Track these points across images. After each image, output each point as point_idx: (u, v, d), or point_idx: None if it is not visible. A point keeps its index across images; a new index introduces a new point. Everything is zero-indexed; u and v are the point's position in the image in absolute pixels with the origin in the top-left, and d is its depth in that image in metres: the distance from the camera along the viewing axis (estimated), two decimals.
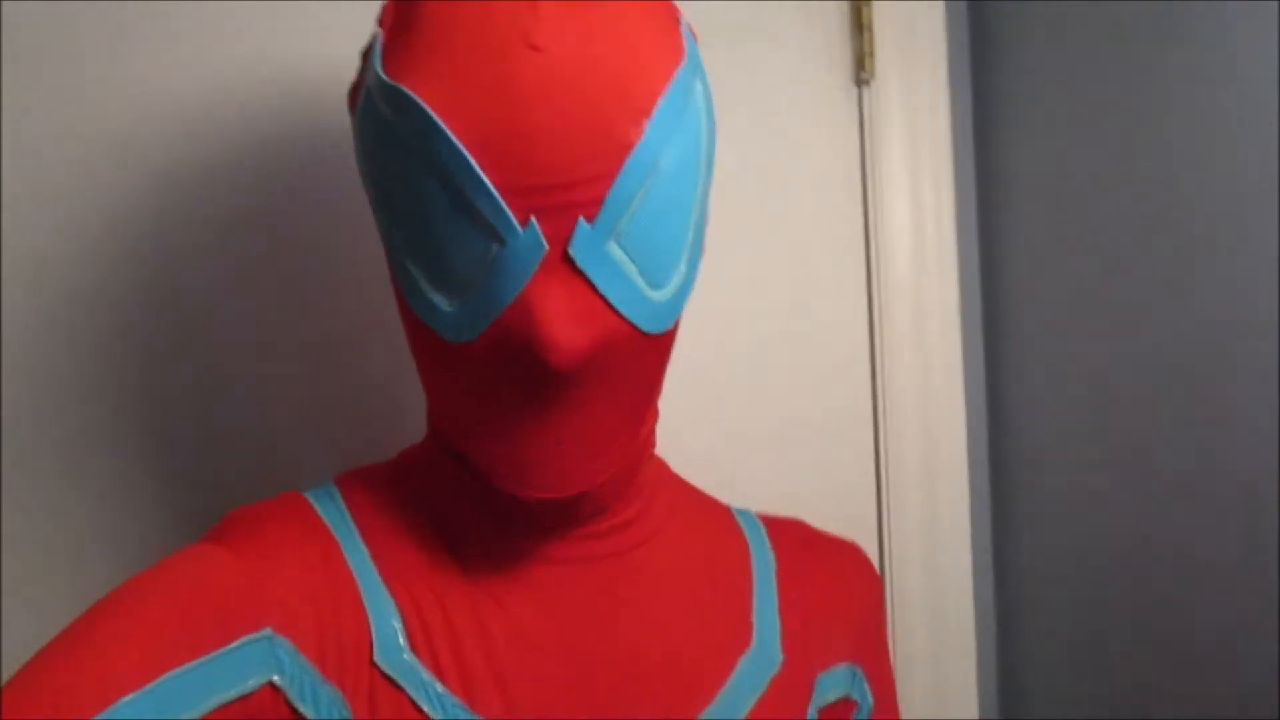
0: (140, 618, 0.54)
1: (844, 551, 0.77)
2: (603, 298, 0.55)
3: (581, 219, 0.54)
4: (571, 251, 0.54)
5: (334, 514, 0.65)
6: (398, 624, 0.61)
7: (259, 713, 0.56)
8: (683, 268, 0.59)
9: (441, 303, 0.57)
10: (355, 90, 0.61)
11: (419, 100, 0.54)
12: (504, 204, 0.53)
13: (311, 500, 0.65)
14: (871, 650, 0.76)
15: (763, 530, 0.75)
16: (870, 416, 1.07)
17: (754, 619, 0.70)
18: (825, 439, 1.06)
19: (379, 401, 0.91)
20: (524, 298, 0.54)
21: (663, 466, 0.72)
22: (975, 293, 1.13)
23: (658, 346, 0.60)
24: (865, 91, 1.05)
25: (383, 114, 0.56)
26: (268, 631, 0.57)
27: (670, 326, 0.60)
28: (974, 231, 1.13)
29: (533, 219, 0.54)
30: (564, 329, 0.54)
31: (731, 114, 1.01)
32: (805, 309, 1.05)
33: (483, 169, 0.53)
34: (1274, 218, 0.85)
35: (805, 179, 1.05)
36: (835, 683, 0.72)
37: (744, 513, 0.77)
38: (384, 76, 0.55)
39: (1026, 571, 1.11)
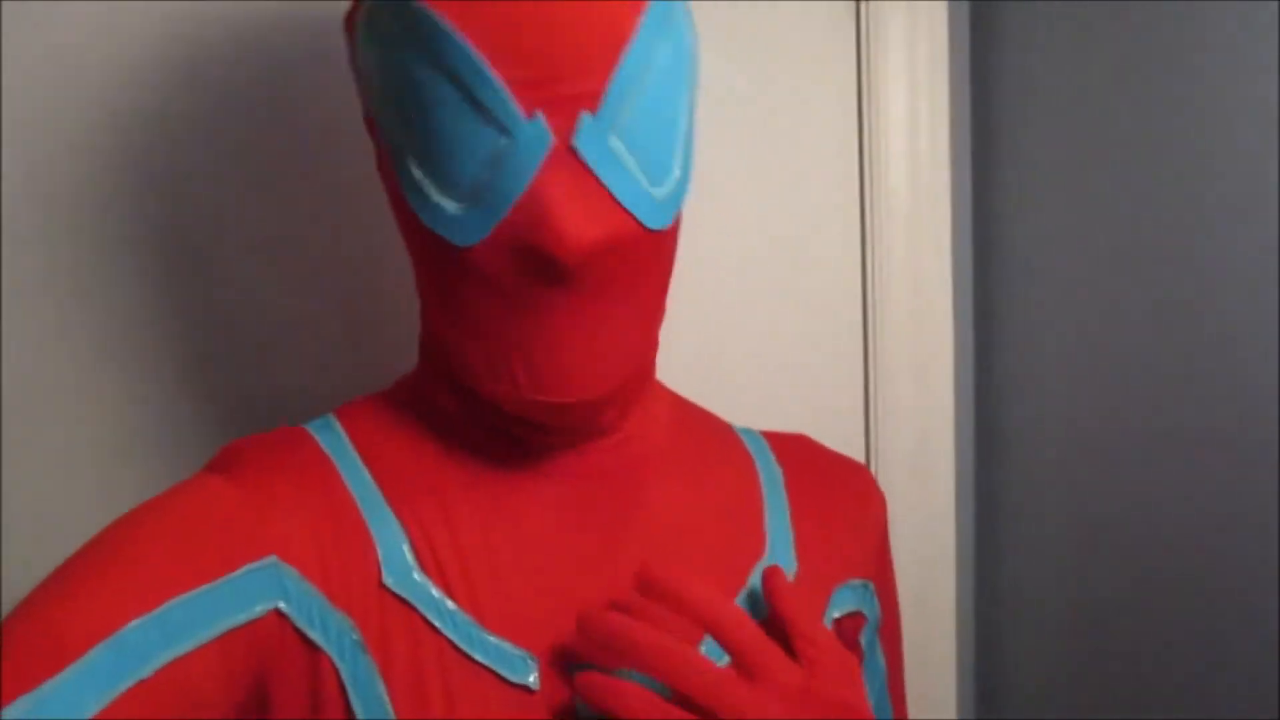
0: (144, 547, 0.54)
1: (852, 468, 0.78)
2: (609, 191, 0.56)
3: (584, 111, 0.55)
4: (576, 143, 0.55)
5: (334, 443, 0.65)
6: (405, 546, 0.61)
7: (267, 639, 0.57)
8: (677, 168, 0.60)
9: (450, 206, 0.57)
10: (352, 14, 0.61)
11: (424, 6, 0.55)
12: (510, 95, 0.54)
13: (311, 431, 0.66)
14: (882, 567, 0.77)
15: (767, 445, 0.76)
16: (860, 351, 1.07)
17: (766, 529, 0.70)
18: (815, 370, 1.06)
19: (376, 335, 0.90)
20: (532, 192, 0.55)
21: (663, 387, 0.73)
22: (967, 223, 1.13)
23: (661, 248, 0.61)
24: (863, 8, 1.03)
25: (387, 28, 0.57)
26: (272, 559, 0.58)
27: (670, 224, 0.60)
28: (968, 158, 1.13)
29: (538, 111, 0.55)
30: (574, 222, 0.54)
31: (730, 32, 1.00)
32: (799, 232, 1.04)
33: (488, 65, 0.54)
34: (1274, 185, 0.85)
35: (801, 97, 1.03)
36: (850, 597, 0.73)
37: (746, 430, 0.77)
38: None
39: (1012, 505, 1.13)
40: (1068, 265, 1.04)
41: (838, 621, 0.72)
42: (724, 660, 0.63)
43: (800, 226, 1.05)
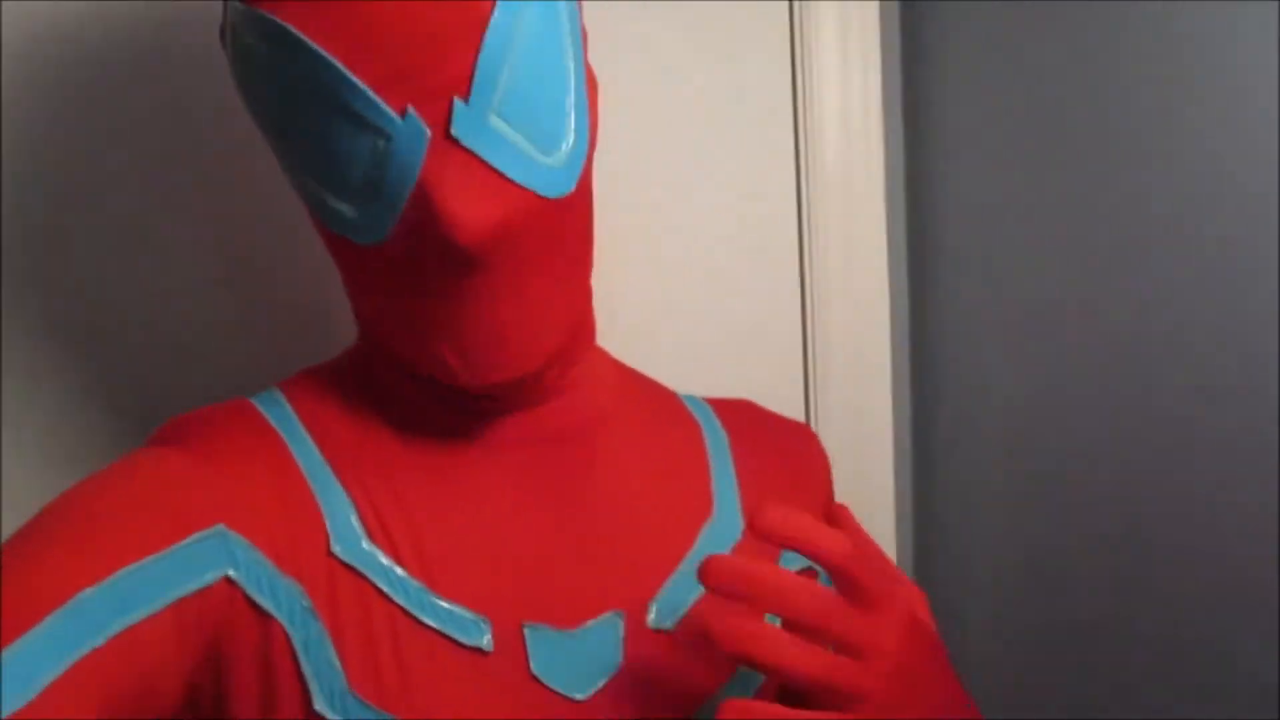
0: (93, 519, 0.54)
1: (796, 430, 0.79)
2: (496, 171, 0.56)
3: (456, 99, 0.55)
4: (454, 131, 0.55)
5: (279, 415, 0.65)
6: (353, 515, 0.61)
7: (218, 607, 0.57)
8: (571, 131, 0.60)
9: (347, 210, 0.58)
10: (224, 29, 0.61)
11: (275, 18, 0.54)
12: (378, 99, 0.54)
13: (257, 404, 0.66)
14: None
15: (712, 411, 0.77)
16: (799, 321, 1.10)
17: (713, 490, 0.71)
18: (754, 339, 1.08)
19: (312, 314, 0.90)
20: (420, 186, 0.55)
21: (607, 355, 0.73)
22: (900, 190, 1.16)
23: (570, 212, 0.61)
24: None
25: (250, 43, 0.57)
26: (220, 527, 0.58)
27: (573, 190, 0.60)
28: (900, 128, 1.15)
29: (410, 107, 0.54)
30: (464, 206, 0.55)
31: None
32: (735, 209, 1.06)
33: (350, 69, 0.54)
34: (1218, 124, 0.88)
35: (735, 65, 1.05)
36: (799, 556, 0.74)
37: (689, 396, 0.79)
38: (241, 4, 0.56)
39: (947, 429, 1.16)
40: (999, 226, 1.07)
41: None
42: None
43: (737, 202, 1.06)
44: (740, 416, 0.78)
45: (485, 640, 0.60)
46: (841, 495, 1.11)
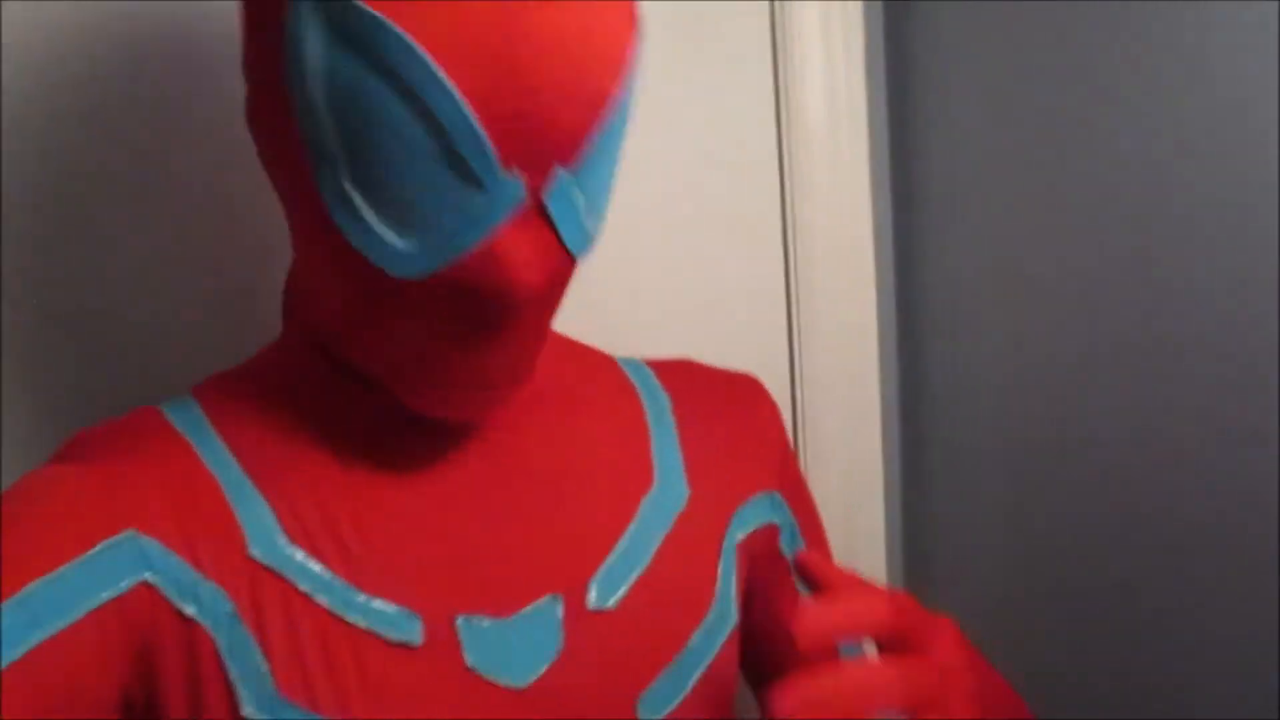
0: None
1: (740, 383, 0.77)
2: (560, 240, 0.55)
3: (560, 168, 0.54)
4: (546, 199, 0.54)
5: (188, 420, 0.63)
6: (270, 518, 0.60)
7: (139, 613, 0.56)
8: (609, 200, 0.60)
9: (391, 238, 0.54)
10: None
11: (412, 40, 0.50)
12: (495, 154, 0.52)
13: (165, 411, 0.64)
14: (789, 477, 0.77)
15: (650, 374, 0.75)
16: (783, 292, 1.09)
17: (653, 459, 0.70)
18: (738, 310, 1.08)
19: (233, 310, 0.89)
20: (493, 242, 0.53)
21: None
22: (884, 155, 1.14)
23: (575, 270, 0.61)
24: None
25: (355, 40, 0.51)
26: (130, 532, 0.57)
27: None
28: (883, 91, 1.14)
29: (516, 168, 0.53)
30: (527, 274, 0.53)
31: None
32: (719, 182, 1.06)
33: (477, 118, 0.51)
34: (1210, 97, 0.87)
35: (719, 34, 1.04)
36: (756, 513, 0.73)
37: (628, 360, 0.76)
38: (361, 5, 0.50)
39: (937, 405, 1.15)
40: (986, 192, 1.06)
41: (750, 538, 0.73)
42: None
43: (720, 174, 1.05)
44: (681, 376, 0.76)
45: (415, 635, 0.59)
46: (830, 483, 1.10)
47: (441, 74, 0.50)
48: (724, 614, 0.69)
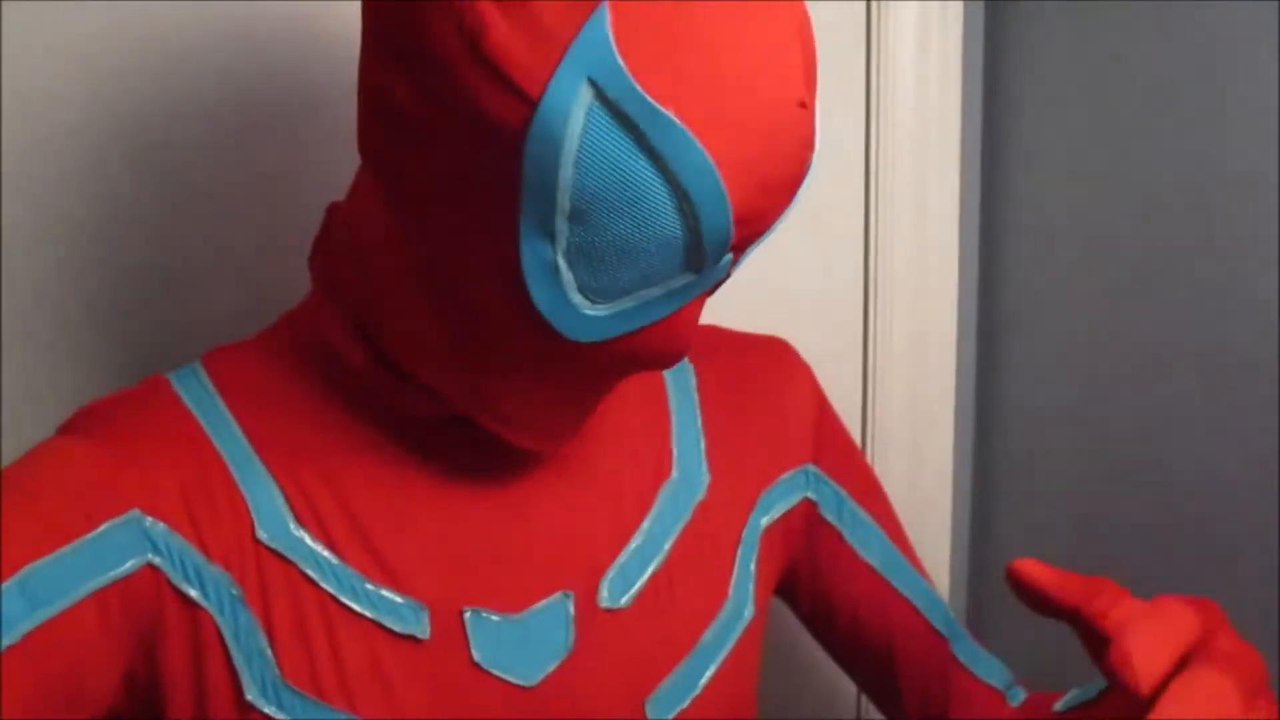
0: None
1: (768, 348, 0.74)
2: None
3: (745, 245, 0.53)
4: (721, 271, 0.53)
5: (198, 395, 0.61)
6: (279, 500, 0.59)
7: (142, 595, 0.55)
8: None
9: (584, 305, 0.51)
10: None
11: (699, 146, 0.47)
12: (723, 229, 0.49)
13: (175, 383, 0.62)
14: (827, 443, 0.74)
15: None
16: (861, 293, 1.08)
17: (674, 446, 0.68)
18: (815, 313, 1.06)
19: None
20: (675, 316, 0.53)
21: None
22: (976, 144, 1.12)
23: None
24: None
25: (617, 124, 0.47)
26: (134, 512, 0.56)
27: None
28: (979, 80, 1.11)
29: (728, 255, 0.51)
30: (687, 345, 0.54)
31: None
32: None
33: (733, 211, 0.49)
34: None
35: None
36: (787, 491, 0.72)
37: None
38: (645, 95, 0.46)
39: (1011, 408, 1.13)
40: (1074, 199, 1.03)
41: (782, 519, 0.71)
42: None
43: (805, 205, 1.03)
44: (707, 346, 0.74)
45: (422, 627, 0.59)
46: (897, 488, 1.08)
47: (716, 171, 0.48)
48: (739, 608, 0.68)
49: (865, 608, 0.74)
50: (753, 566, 0.69)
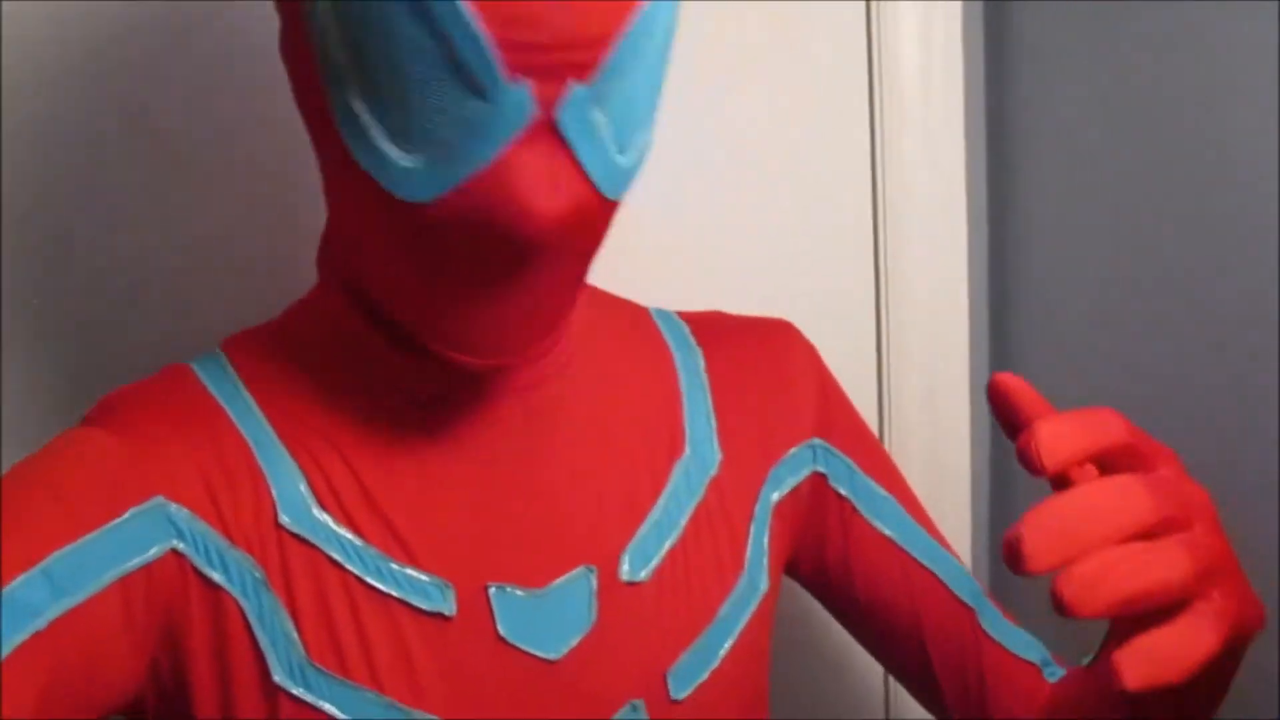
0: (21, 504, 0.53)
1: (770, 329, 0.75)
2: (579, 164, 0.51)
3: (574, 82, 0.50)
4: (559, 115, 0.50)
5: (220, 380, 0.62)
6: (302, 484, 0.59)
7: (166, 581, 0.56)
8: (648, 133, 0.57)
9: (398, 157, 0.51)
10: None
11: None
12: (497, 57, 0.48)
13: (196, 370, 0.63)
14: (833, 417, 0.75)
15: (684, 328, 0.74)
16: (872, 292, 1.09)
17: (685, 424, 0.69)
18: (827, 319, 1.05)
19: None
20: (501, 163, 0.50)
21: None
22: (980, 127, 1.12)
23: (610, 213, 0.57)
24: None
25: None
26: (159, 499, 0.56)
27: (625, 193, 0.56)
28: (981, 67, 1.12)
29: (524, 79, 0.49)
30: (541, 197, 0.50)
31: None
32: (807, 146, 1.04)
33: (479, 18, 0.47)
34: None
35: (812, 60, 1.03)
36: (794, 468, 0.72)
37: (662, 313, 0.74)
38: None
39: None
40: (1081, 191, 1.03)
41: (792, 494, 0.72)
42: None
43: (809, 139, 1.04)
44: (713, 329, 0.74)
45: (449, 605, 0.60)
46: (913, 474, 1.07)
47: None
48: (753, 582, 0.69)
49: (886, 581, 0.74)
50: (765, 541, 0.70)
